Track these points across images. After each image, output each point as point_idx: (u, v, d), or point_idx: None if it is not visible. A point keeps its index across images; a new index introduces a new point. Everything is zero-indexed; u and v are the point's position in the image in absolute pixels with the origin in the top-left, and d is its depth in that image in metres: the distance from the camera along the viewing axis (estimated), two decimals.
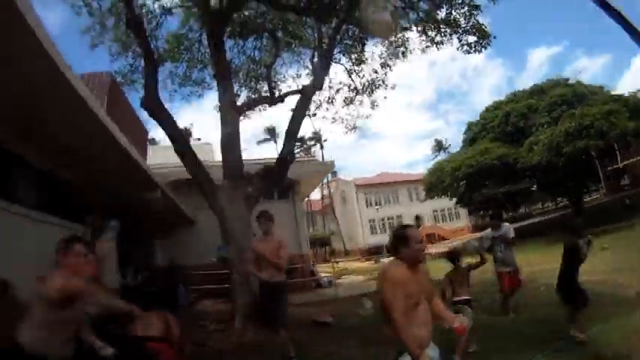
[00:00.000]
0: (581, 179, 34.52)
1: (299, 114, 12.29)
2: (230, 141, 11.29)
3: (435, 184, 37.83)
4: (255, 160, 18.73)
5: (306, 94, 12.75)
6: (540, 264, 14.76)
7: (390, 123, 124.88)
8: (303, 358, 7.29)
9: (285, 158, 11.74)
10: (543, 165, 29.51)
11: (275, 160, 12.26)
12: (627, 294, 9.02)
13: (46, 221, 7.61)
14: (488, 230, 9.37)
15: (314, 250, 48.90)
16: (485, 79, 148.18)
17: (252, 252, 7.37)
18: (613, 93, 34.03)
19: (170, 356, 4.99)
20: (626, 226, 22.23)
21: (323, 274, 22.42)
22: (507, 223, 9.60)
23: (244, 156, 11.70)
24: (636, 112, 29.30)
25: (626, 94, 32.32)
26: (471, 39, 13.72)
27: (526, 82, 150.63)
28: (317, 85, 13.09)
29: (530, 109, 34.32)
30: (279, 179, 12.40)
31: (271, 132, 67.40)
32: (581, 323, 6.57)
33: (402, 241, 3.53)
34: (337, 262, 32.77)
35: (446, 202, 49.31)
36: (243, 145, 11.62)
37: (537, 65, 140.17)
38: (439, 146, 72.53)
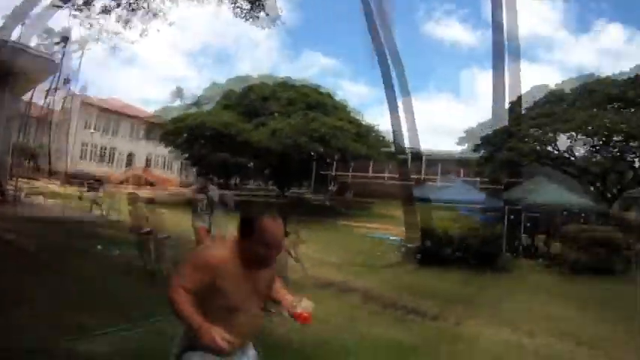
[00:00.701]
0: (294, 172, 38.46)
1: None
2: None
3: (157, 127, 37.76)
4: None
5: None
6: None
7: (144, 53, 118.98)
8: None
9: None
10: (262, 146, 32.00)
11: None
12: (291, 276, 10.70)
13: None
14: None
15: (19, 161, 43.49)
16: (255, 54, 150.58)
17: None
18: (352, 116, 39.07)
19: None
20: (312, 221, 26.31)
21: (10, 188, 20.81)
22: (215, 187, 10.33)
23: None
24: (362, 137, 34.22)
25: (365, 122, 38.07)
26: (246, 5, 14.52)
27: (288, 74, 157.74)
28: None
29: (273, 96, 36.39)
30: None
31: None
32: None
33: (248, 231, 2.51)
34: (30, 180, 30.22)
35: (162, 150, 48.65)
36: None
37: (305, 66, 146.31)
38: (178, 94, 71.01)
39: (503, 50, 15.26)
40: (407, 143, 24.02)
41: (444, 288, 11.73)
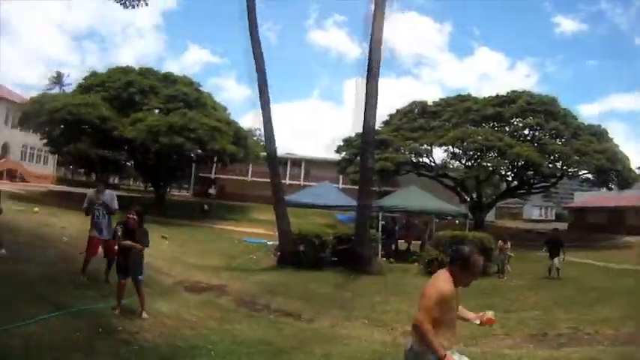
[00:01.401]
0: (173, 173, 37.51)
1: None
2: None
3: (32, 116, 34.28)
4: None
5: None
6: None
7: (24, 31, 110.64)
8: None
9: None
10: (139, 144, 30.82)
11: None
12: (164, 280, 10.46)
13: None
14: (92, 191, 9.19)
15: None
16: (141, 44, 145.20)
17: None
18: (231, 118, 38.87)
19: None
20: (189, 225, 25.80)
21: None
22: (112, 191, 9.55)
23: None
24: (240, 140, 34.12)
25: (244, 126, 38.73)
26: None
27: (172, 69, 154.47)
28: None
29: (152, 90, 34.94)
30: None
31: None
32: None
33: (465, 265, 3.58)
34: None
35: (37, 141, 44.57)
36: None
37: (191, 63, 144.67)
38: (58, 79, 67.21)
39: (377, 63, 15.86)
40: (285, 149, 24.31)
41: (319, 291, 11.85)
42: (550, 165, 34.12)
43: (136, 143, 31.08)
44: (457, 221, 26.19)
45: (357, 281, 13.59)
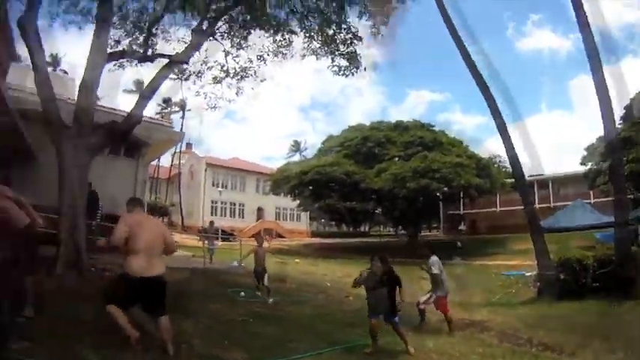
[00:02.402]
0: (421, 214, 38.59)
1: (158, 79, 12.34)
2: (89, 85, 10.94)
3: (281, 182, 39.65)
4: (111, 109, 18.04)
5: (172, 63, 13.01)
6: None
7: (258, 114, 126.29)
8: None
9: (132, 117, 11.71)
10: (386, 192, 32.53)
11: (125, 117, 12.12)
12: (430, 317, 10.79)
13: None
14: (435, 258, 10.14)
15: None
16: (362, 101, 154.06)
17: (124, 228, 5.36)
18: (470, 150, 38.46)
19: None
20: (445, 263, 26.12)
21: None
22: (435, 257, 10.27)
23: (107, 103, 11.49)
24: (483, 171, 33.83)
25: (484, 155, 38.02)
26: (343, 63, 15.23)
27: (398, 116, 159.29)
28: (183, 58, 13.40)
29: (388, 141, 37.25)
30: (122, 137, 12.38)
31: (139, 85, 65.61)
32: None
33: None
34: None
35: (289, 202, 51.08)
36: (111, 92, 11.32)
37: (413, 105, 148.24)
38: (296, 147, 74.95)
39: (596, 51, 14.04)
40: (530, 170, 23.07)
41: (580, 322, 11.21)
42: None
43: (383, 191, 33.12)
44: None
45: (621, 308, 12.36)
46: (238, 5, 14.21)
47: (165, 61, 13.29)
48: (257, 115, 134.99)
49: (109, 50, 12.59)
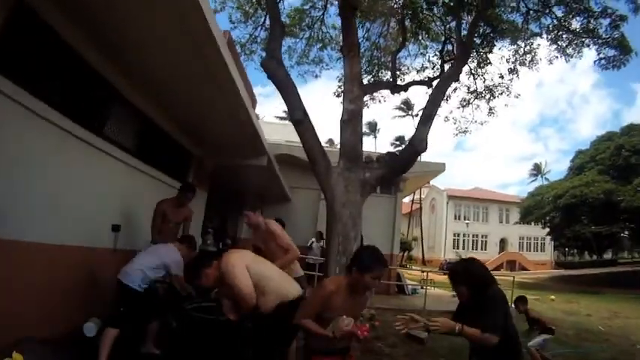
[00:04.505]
0: None
1: (436, 98, 10.41)
2: (352, 119, 9.82)
3: (533, 209, 37.05)
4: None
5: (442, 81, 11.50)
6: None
7: (486, 139, 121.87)
8: None
9: (415, 146, 9.64)
10: None
11: (405, 146, 10.62)
12: None
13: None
14: None
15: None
16: (589, 108, 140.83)
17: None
18: None
19: None
20: None
21: (408, 282, 20.97)
22: None
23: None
24: None
25: None
26: (611, 52, 13.34)
27: (635, 117, 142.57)
28: (453, 75, 11.63)
29: None
30: (403, 169, 10.47)
31: (372, 127, 68.96)
32: None
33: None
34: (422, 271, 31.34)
35: (534, 231, 48.29)
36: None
37: None
38: (538, 170, 70.76)
39: None
40: None
41: None
42: None
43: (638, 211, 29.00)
44: None
45: None
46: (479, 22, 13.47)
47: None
48: (486, 140, 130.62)
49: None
